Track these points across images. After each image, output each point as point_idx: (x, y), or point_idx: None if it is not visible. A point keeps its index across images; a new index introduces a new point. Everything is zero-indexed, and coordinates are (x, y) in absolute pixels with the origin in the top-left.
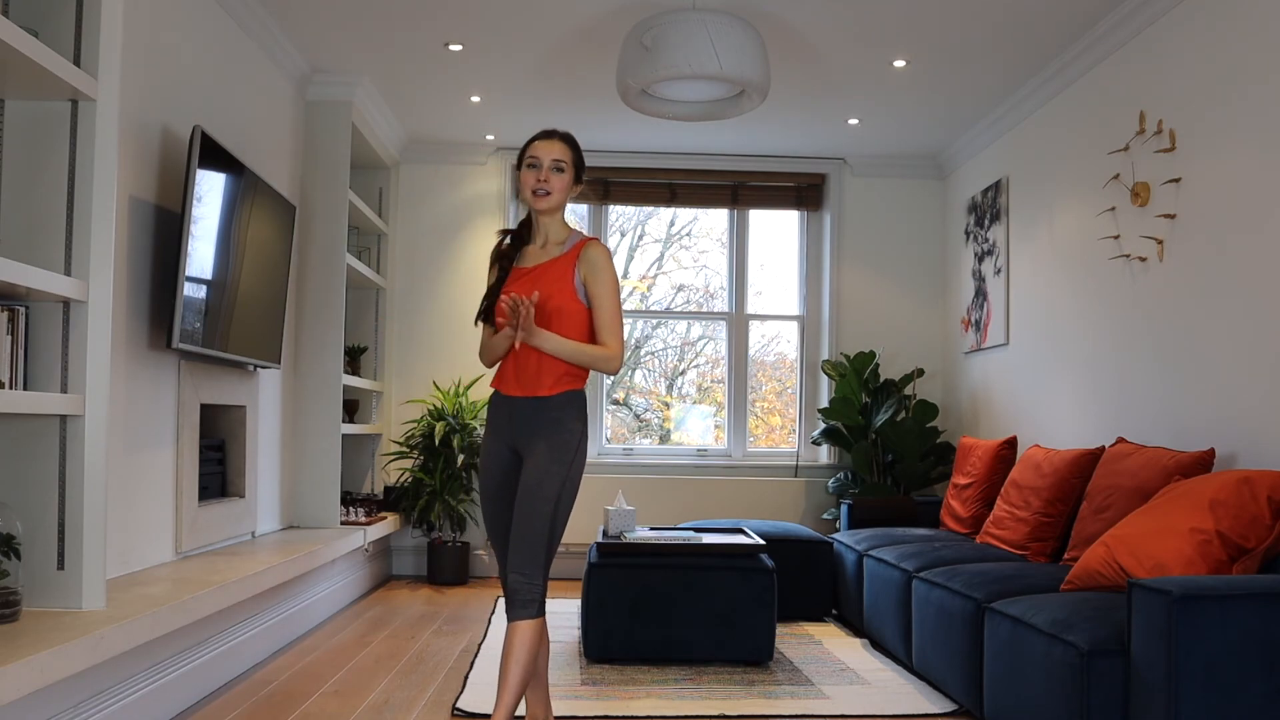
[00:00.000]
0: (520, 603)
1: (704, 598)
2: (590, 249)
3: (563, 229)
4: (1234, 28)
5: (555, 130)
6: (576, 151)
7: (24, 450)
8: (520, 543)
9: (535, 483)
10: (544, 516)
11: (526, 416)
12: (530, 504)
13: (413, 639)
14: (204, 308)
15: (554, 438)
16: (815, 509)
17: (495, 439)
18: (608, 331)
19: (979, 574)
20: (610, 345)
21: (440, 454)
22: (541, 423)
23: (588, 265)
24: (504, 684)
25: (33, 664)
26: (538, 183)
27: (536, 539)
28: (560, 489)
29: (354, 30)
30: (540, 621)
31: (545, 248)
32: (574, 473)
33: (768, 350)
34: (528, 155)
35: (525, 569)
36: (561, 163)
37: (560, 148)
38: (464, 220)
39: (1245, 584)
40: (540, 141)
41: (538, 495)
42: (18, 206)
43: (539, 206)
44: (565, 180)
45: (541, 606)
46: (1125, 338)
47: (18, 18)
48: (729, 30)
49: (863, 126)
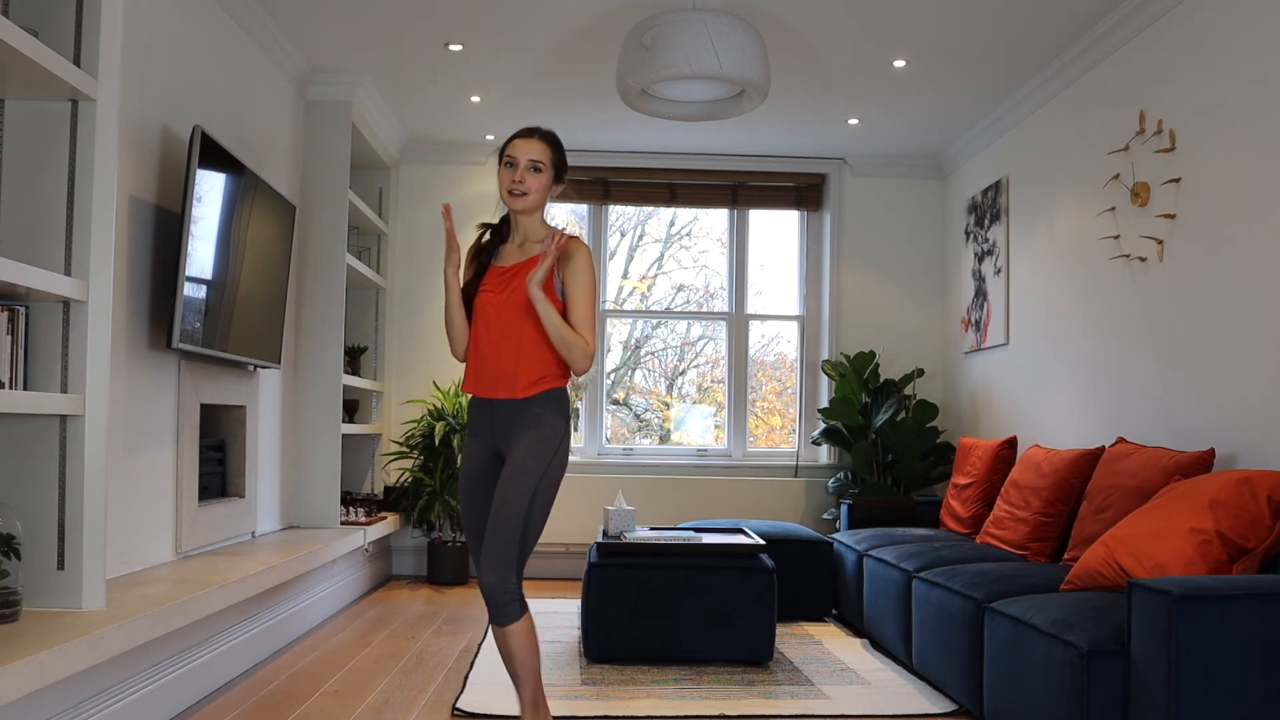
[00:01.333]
0: (500, 607)
1: (704, 598)
2: (571, 246)
3: (542, 228)
4: (1234, 28)
5: (536, 128)
6: (557, 151)
7: (24, 450)
8: (493, 543)
9: (511, 480)
10: (518, 514)
11: (508, 418)
12: (505, 502)
13: (413, 639)
14: (204, 308)
15: (535, 435)
16: (815, 509)
17: (476, 440)
18: (582, 327)
19: (979, 574)
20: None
21: (440, 454)
22: (524, 421)
23: (567, 264)
24: (519, 681)
25: (33, 664)
26: (513, 183)
27: (510, 537)
28: (536, 486)
29: (354, 30)
30: (527, 617)
31: (524, 246)
32: (552, 470)
33: (768, 350)
34: (506, 154)
35: (498, 571)
36: (539, 163)
37: (539, 147)
38: (464, 220)
39: (1245, 584)
40: (519, 140)
41: (513, 492)
42: (18, 206)
43: (515, 207)
44: (543, 181)
45: (523, 603)
46: (1125, 338)
47: (18, 18)
48: (729, 30)
49: (863, 126)
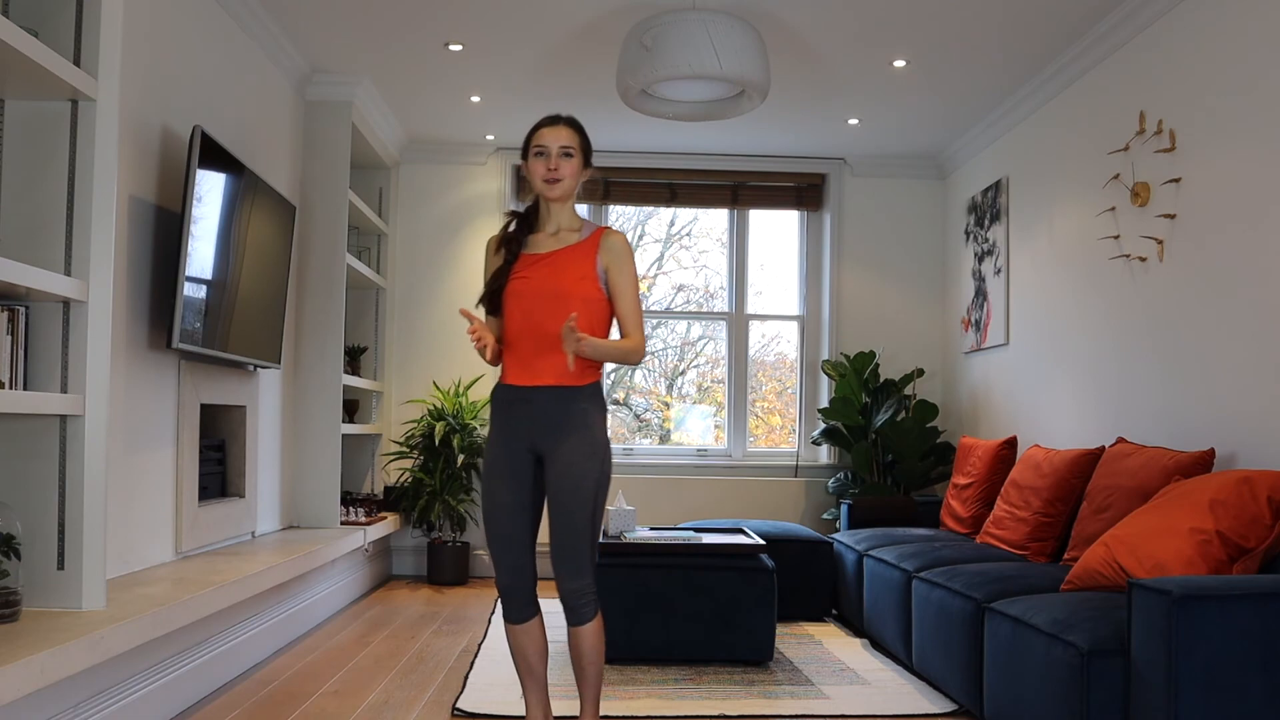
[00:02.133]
0: (578, 609)
1: (704, 598)
2: (613, 237)
3: (575, 217)
4: (1234, 28)
5: (559, 115)
6: (583, 135)
7: (24, 450)
8: (567, 551)
9: (572, 490)
10: (586, 519)
11: (549, 410)
12: (570, 511)
13: (413, 639)
14: (204, 308)
15: (583, 437)
16: (815, 509)
17: (510, 437)
18: (632, 323)
19: (979, 574)
20: (636, 337)
21: (440, 454)
22: (568, 417)
23: (611, 254)
24: (587, 680)
25: (32, 664)
26: (548, 171)
27: (582, 544)
28: (596, 489)
29: (354, 30)
30: (600, 615)
31: (558, 235)
32: (605, 468)
33: (768, 350)
34: (534, 143)
35: (578, 575)
36: (569, 148)
37: (567, 133)
38: (464, 220)
39: (1245, 584)
40: (546, 128)
41: (576, 501)
42: (18, 206)
43: (551, 195)
44: (575, 165)
45: (597, 604)
46: (1125, 338)
47: (18, 18)
48: (729, 30)
49: (863, 126)
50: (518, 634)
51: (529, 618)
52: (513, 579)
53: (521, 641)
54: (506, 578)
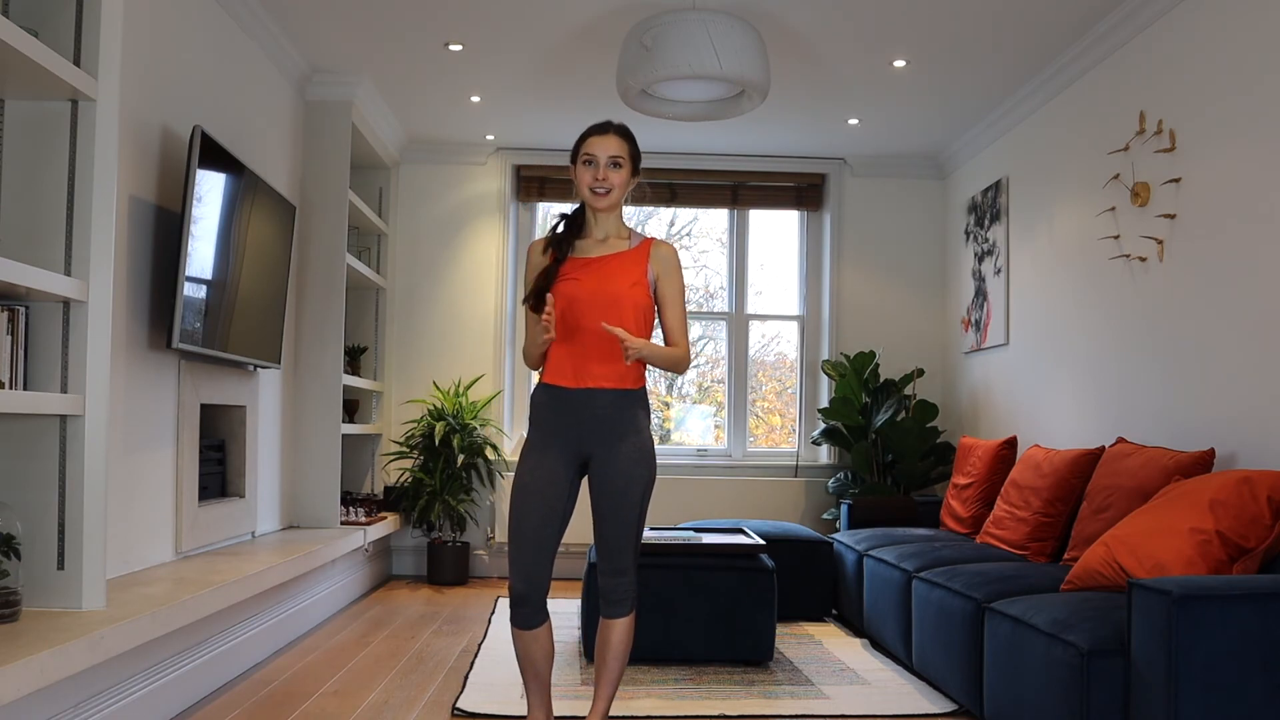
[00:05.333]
0: (619, 602)
1: (704, 598)
2: (663, 248)
3: (623, 225)
4: (1234, 27)
5: (610, 123)
6: (633, 144)
7: (24, 450)
8: (614, 549)
9: (623, 492)
10: (634, 520)
11: (604, 414)
12: (623, 510)
13: (413, 639)
14: (204, 308)
15: (635, 443)
16: (815, 509)
17: (555, 439)
18: (680, 332)
19: (979, 574)
20: (684, 345)
21: (440, 454)
22: (620, 421)
23: (662, 264)
24: (608, 676)
25: (32, 664)
26: (595, 180)
27: (630, 545)
28: (644, 493)
29: (354, 30)
30: (634, 615)
31: (606, 241)
32: (654, 470)
33: (768, 350)
34: (583, 152)
35: (623, 573)
36: (619, 158)
37: (616, 143)
38: (464, 220)
39: (1245, 584)
40: (595, 137)
41: (627, 505)
42: (18, 206)
43: (599, 206)
44: (623, 176)
45: (636, 600)
46: (1125, 338)
47: (18, 18)
48: (729, 30)
49: (862, 126)
50: (526, 640)
51: (538, 624)
52: (528, 587)
53: (530, 648)
54: (523, 585)
